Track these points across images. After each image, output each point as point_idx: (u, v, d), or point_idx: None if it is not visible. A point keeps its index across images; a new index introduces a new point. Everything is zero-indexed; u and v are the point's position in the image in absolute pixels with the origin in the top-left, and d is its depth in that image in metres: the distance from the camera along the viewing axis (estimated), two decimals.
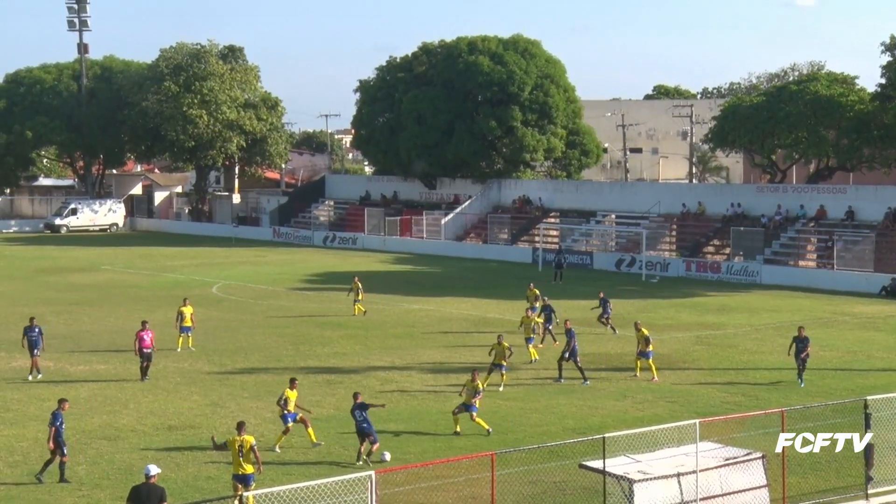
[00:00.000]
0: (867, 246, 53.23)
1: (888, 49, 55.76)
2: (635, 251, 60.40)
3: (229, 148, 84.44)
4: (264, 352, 34.51)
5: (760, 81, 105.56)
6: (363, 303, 42.66)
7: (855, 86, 62.63)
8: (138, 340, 29.90)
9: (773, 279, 53.29)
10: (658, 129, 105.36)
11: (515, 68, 72.42)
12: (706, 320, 41.49)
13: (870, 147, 58.74)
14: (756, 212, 60.61)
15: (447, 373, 31.25)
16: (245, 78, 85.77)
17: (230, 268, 60.76)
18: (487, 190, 74.99)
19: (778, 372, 31.25)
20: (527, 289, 40.23)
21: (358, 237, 74.90)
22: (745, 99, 67.11)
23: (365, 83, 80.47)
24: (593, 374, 30.71)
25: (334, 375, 30.79)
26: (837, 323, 40.91)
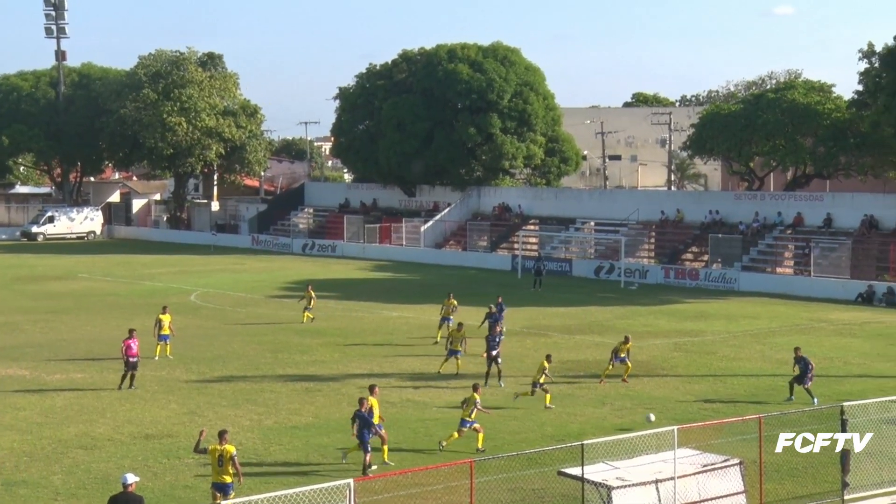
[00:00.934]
0: (844, 253, 53.61)
1: (865, 56, 56.21)
2: (614, 258, 60.57)
3: (208, 155, 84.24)
4: (243, 360, 34.38)
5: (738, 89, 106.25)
6: (314, 310, 42.36)
7: (832, 94, 63.12)
8: (126, 348, 29.65)
9: (751, 286, 53.57)
10: (637, 137, 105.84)
11: (495, 76, 72.59)
12: (684, 327, 41.64)
13: (846, 155, 59.21)
14: (734, 219, 60.92)
15: (426, 380, 31.22)
16: (224, 85, 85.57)
17: (209, 275, 60.53)
18: (467, 197, 75.06)
19: (756, 379, 31.40)
20: (446, 299, 38.37)
21: (337, 244, 74.80)
22: (723, 107, 67.52)
23: (344, 90, 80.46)
24: (572, 381, 30.77)
25: (313, 383, 30.70)
26: (814, 329, 41.14)
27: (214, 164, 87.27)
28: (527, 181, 78.75)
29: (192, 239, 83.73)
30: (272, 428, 25.67)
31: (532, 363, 33.72)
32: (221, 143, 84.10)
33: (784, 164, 62.44)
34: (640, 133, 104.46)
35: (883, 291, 49.07)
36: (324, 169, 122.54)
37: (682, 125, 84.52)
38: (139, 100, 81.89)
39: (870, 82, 55.57)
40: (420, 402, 28.31)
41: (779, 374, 32.07)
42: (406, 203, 79.21)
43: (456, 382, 30.81)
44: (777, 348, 36.60)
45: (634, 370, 32.17)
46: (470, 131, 72.47)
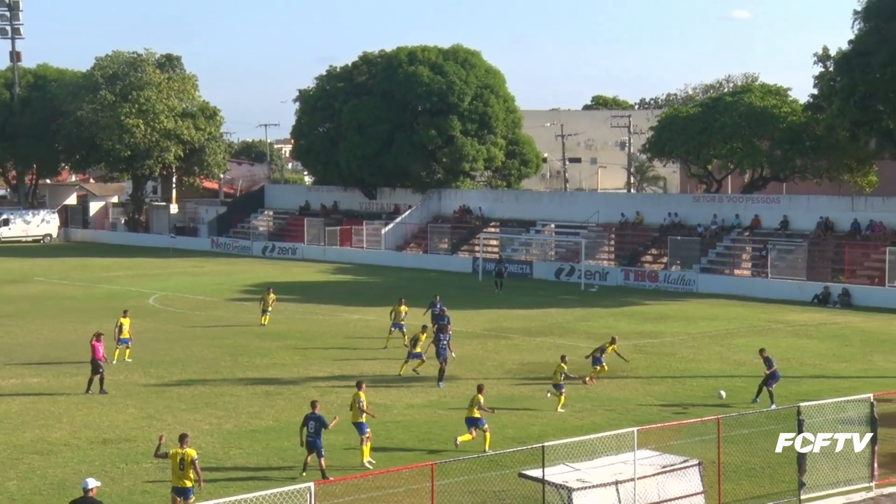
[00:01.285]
0: (800, 255, 54.23)
1: (820, 61, 56.87)
2: (574, 260, 60.86)
3: (166, 158, 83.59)
4: (202, 363, 34.15)
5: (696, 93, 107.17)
6: (272, 314, 42.32)
7: (788, 97, 63.79)
8: (94, 350, 29.34)
9: (710, 288, 54.03)
10: (597, 140, 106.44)
11: (455, 78, 72.69)
12: (644, 329, 41.92)
13: (802, 158, 59.84)
14: (692, 221, 61.43)
15: (387, 383, 31.19)
16: (183, 87, 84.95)
17: (167, 279, 60.07)
18: (427, 200, 75.10)
19: (714, 380, 31.67)
20: (396, 305, 38.08)
21: (297, 247, 74.52)
22: (682, 110, 68.05)
23: (304, 93, 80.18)
24: (533, 384, 30.87)
25: (273, 387, 30.57)
26: (771, 331, 41.58)
27: (173, 166, 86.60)
28: (487, 183, 78.91)
29: (150, 242, 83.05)
30: (232, 432, 25.52)
31: (493, 365, 33.83)
32: (180, 146, 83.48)
33: (741, 166, 63.04)
34: (599, 136, 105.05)
35: (838, 293, 49.70)
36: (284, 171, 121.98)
37: (642, 128, 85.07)
38: (96, 101, 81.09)
39: (824, 86, 56.24)
40: (382, 405, 28.25)
41: (737, 374, 32.40)
42: (367, 205, 79.07)
43: (417, 385, 30.82)
44: (735, 349, 36.96)
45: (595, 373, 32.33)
46: (430, 134, 72.52)
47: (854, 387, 29.17)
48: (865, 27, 54.29)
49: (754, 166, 62.73)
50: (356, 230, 73.68)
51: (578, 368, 31.62)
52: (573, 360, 30.86)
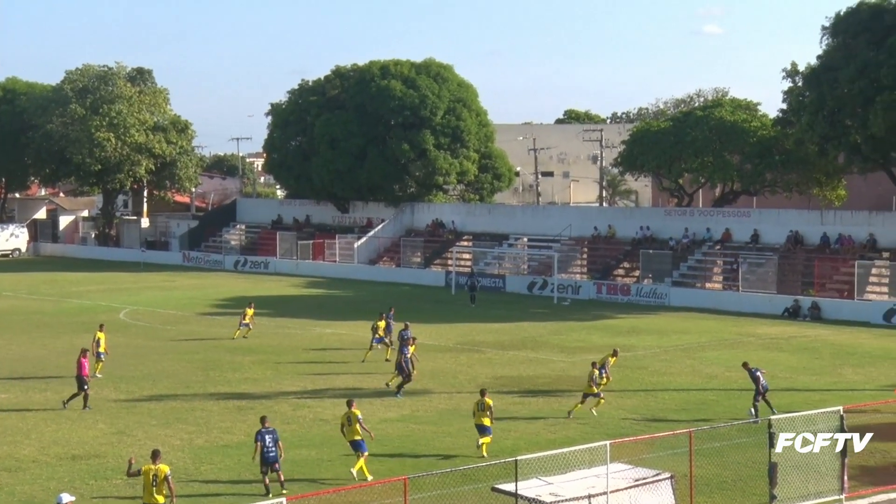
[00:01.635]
0: (770, 268, 54.60)
1: (789, 76, 57.41)
2: (547, 274, 60.99)
3: (137, 171, 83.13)
4: (173, 378, 33.94)
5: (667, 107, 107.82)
6: (250, 328, 42.29)
7: (758, 112, 64.34)
8: (80, 367, 29.28)
9: (681, 301, 54.29)
10: (569, 153, 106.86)
11: (428, 92, 72.81)
12: (617, 342, 41.96)
13: (772, 172, 60.33)
14: (664, 235, 61.75)
15: (360, 397, 31.05)
16: (154, 101, 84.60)
17: (138, 293, 59.70)
18: (400, 213, 75.09)
19: (686, 393, 31.80)
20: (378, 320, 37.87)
21: (270, 261, 74.28)
22: (653, 124, 68.46)
23: (277, 106, 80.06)
24: (506, 398, 30.88)
25: (245, 401, 30.42)
26: (743, 344, 41.82)
27: (144, 180, 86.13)
28: (460, 197, 79.01)
29: (121, 256, 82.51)
30: (203, 447, 25.36)
31: (466, 379, 33.81)
32: (151, 159, 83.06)
33: (712, 180, 63.48)
34: (572, 149, 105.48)
35: (808, 306, 50.07)
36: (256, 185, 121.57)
37: (613, 142, 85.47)
38: (66, 115, 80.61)
39: (794, 101, 56.78)
40: None
41: (709, 388, 32.55)
42: (339, 219, 78.95)
43: (390, 399, 30.75)
44: (707, 363, 37.13)
45: (567, 385, 32.44)
46: (403, 147, 72.56)
47: (824, 399, 29.38)
48: (833, 43, 54.95)
49: (725, 180, 63.18)
50: (329, 244, 73.51)
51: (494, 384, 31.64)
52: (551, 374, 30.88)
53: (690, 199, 67.85)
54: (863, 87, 51.34)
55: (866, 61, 51.54)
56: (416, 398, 30.93)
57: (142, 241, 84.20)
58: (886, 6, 53.10)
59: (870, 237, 54.28)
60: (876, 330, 45.81)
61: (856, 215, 56.16)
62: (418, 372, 33.04)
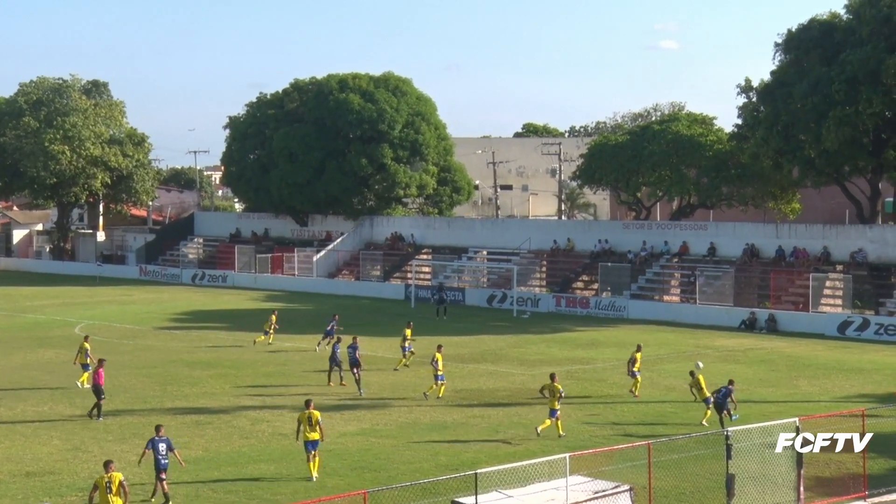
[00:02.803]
0: (727, 281, 55.11)
1: (743, 91, 58.15)
2: (506, 287, 61.15)
3: (93, 185, 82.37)
4: (129, 393, 33.61)
5: (625, 121, 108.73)
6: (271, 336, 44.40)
7: (713, 126, 65.05)
8: (97, 377, 29.83)
9: (640, 314, 54.63)
10: (528, 167, 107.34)
11: (386, 106, 72.89)
12: (576, 355, 42.22)
13: (728, 185, 60.99)
14: (623, 248, 62.16)
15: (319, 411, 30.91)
16: (110, 113, 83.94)
17: (94, 307, 59.09)
18: (359, 227, 75.00)
19: (645, 405, 31.99)
20: (406, 328, 39.32)
21: (228, 275, 73.83)
22: (611, 138, 69.00)
23: (235, 119, 79.77)
24: (466, 411, 30.89)
25: (203, 416, 30.17)
26: (700, 356, 42.02)
27: (100, 193, 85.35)
28: (419, 211, 79.06)
29: (76, 270, 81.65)
30: None
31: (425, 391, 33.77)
32: (107, 172, 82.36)
33: (670, 194, 64.05)
34: (530, 163, 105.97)
35: (765, 318, 50.58)
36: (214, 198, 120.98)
37: (572, 155, 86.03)
38: (20, 128, 79.75)
39: (748, 116, 57.50)
40: None
41: (667, 400, 32.76)
42: (298, 233, 78.72)
43: (349, 412, 30.65)
44: (665, 375, 37.38)
45: (527, 398, 32.51)
46: (362, 161, 72.53)
47: (780, 411, 29.71)
48: (786, 59, 55.79)
49: (682, 194, 63.76)
50: (287, 257, 73.24)
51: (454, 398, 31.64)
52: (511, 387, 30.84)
53: (648, 213, 68.41)
54: (816, 103, 52.13)
55: (819, 77, 52.35)
56: (375, 412, 30.87)
57: (98, 255, 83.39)
58: (837, 23, 54.01)
59: (824, 250, 55.01)
60: (831, 342, 46.39)
61: (810, 228, 56.90)
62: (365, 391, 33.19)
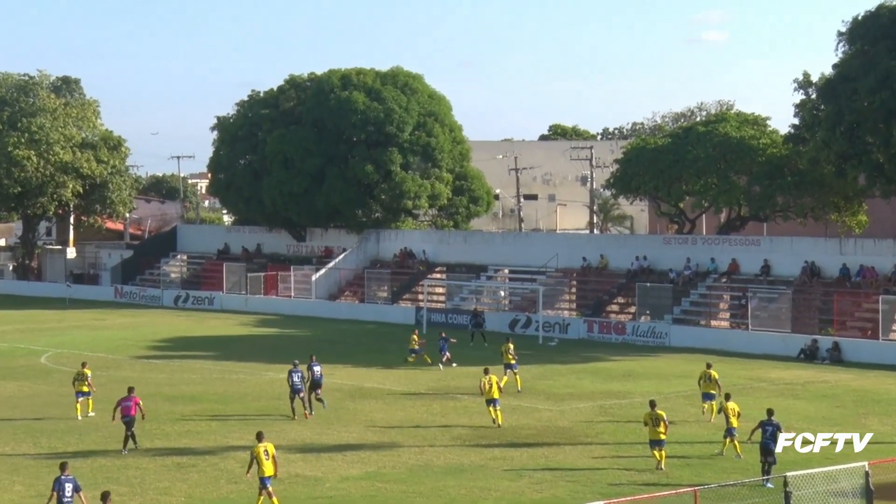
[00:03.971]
0: (784, 304, 54.80)
1: (801, 87, 57.86)
2: (531, 310, 60.98)
3: (63, 194, 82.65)
4: (102, 431, 33.56)
5: (665, 121, 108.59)
6: (418, 355, 47.31)
7: (767, 127, 64.83)
8: (123, 409, 31.07)
9: (683, 341, 54.37)
10: (555, 174, 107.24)
11: (394, 105, 73.00)
12: (610, 388, 42.01)
13: (784, 195, 60.68)
14: (663, 266, 61.96)
15: (318, 451, 30.88)
16: (82, 114, 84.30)
17: (63, 333, 59.17)
18: (364, 242, 75.02)
19: (689, 446, 31.75)
20: (504, 343, 42.35)
21: (215, 296, 73.91)
22: (650, 141, 68.84)
23: (223, 120, 80.00)
24: (485, 452, 30.72)
25: (186, 458, 30.11)
26: (753, 390, 41.87)
27: (71, 204, 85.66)
28: (432, 223, 79.03)
29: (43, 291, 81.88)
30: None
31: (439, 430, 33.66)
32: (79, 181, 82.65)
33: (717, 204, 63.79)
34: (558, 169, 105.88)
35: (827, 347, 50.23)
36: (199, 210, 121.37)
37: (605, 161, 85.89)
38: None
39: (807, 115, 57.22)
40: (311, 478, 27.93)
41: (714, 440, 32.49)
42: (295, 249, 78.76)
43: (352, 454, 30.54)
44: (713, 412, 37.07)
45: (555, 438, 32.31)
46: (367, 168, 72.61)
47: (846, 454, 29.41)
48: (850, 50, 55.44)
49: (731, 204, 63.53)
50: (283, 277, 73.28)
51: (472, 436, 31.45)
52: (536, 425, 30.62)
53: (692, 226, 68.17)
54: (885, 99, 51.80)
55: (888, 70, 52.04)
56: (382, 453, 30.73)
57: (67, 275, 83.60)
58: None
59: (895, 269, 54.68)
60: None
61: (879, 244, 56.58)
62: None
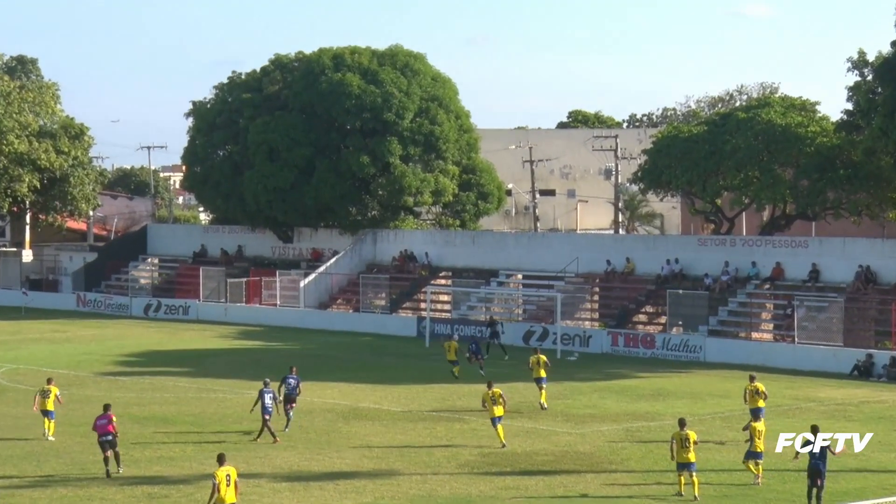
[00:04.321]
0: (835, 314, 54.74)
1: (855, 68, 57.87)
2: (548, 320, 61.00)
3: (18, 189, 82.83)
4: (64, 458, 33.68)
5: (701, 107, 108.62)
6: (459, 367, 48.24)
7: (816, 113, 64.83)
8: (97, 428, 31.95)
9: (720, 355, 54.36)
10: (575, 166, 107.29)
11: (393, 89, 73.07)
12: (637, 409, 42.03)
13: (835, 190, 60.64)
14: (698, 271, 61.94)
15: (307, 480, 30.94)
16: (40, 98, 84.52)
17: (18, 347, 59.29)
18: (359, 243, 75.09)
19: (728, 474, 31.77)
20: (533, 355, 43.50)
21: (191, 305, 74.00)
22: (683, 129, 68.86)
23: (200, 106, 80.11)
24: (495, 481, 30.72)
25: (158, 487, 30.19)
26: (800, 410, 41.86)
27: (27, 200, 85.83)
28: (436, 222, 79.09)
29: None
30: None
31: (444, 456, 33.72)
32: (36, 174, 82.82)
33: (759, 201, 63.78)
34: (578, 161, 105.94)
35: (884, 363, 50.20)
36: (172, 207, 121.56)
37: (632, 151, 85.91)
38: None
39: (862, 99, 57.20)
40: None
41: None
42: (281, 251, 78.87)
43: (346, 482, 30.60)
44: None
45: (574, 464, 32.37)
46: (362, 160, 72.68)
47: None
48: None
49: (775, 201, 63.52)
50: (267, 283, 73.35)
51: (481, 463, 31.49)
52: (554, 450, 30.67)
53: (731, 226, 68.16)
54: None
55: None
56: (379, 481, 30.79)
57: (23, 280, 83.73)
58: None
59: None
60: None
61: None
62: None
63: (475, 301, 67.51)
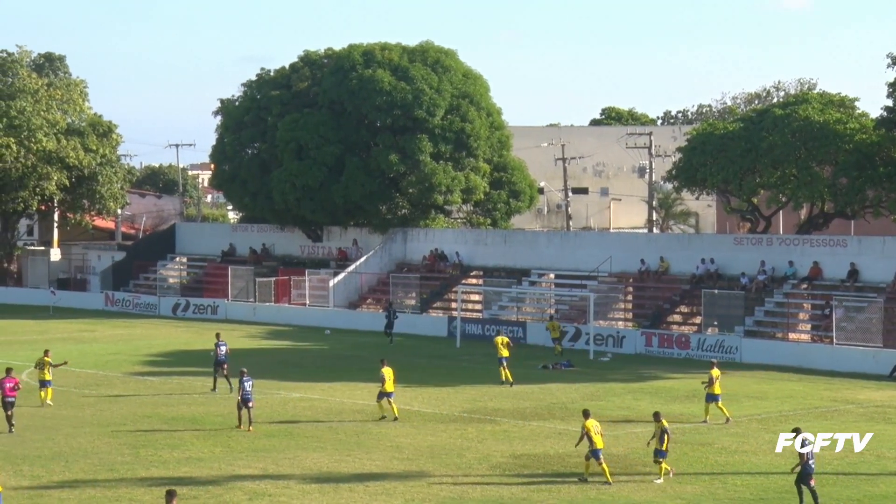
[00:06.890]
0: (874, 314, 54.54)
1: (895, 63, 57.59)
2: (581, 321, 60.97)
3: (47, 188, 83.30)
4: (92, 458, 33.86)
5: (737, 104, 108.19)
6: None
7: (856, 110, 64.58)
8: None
9: (757, 357, 54.23)
10: (608, 164, 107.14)
11: (424, 85, 73.11)
12: (672, 410, 41.91)
13: (874, 188, 60.40)
14: (734, 270, 61.78)
15: (336, 481, 31.03)
16: (68, 96, 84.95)
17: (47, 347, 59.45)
18: (389, 242, 75.21)
19: (764, 477, 31.68)
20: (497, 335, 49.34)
21: (219, 304, 74.30)
22: (718, 126, 68.68)
23: (228, 103, 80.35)
24: (528, 483, 30.74)
25: (186, 488, 30.31)
26: (838, 413, 41.70)
27: (55, 199, 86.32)
28: (466, 221, 79.11)
29: (23, 298, 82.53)
30: None
31: (475, 458, 33.75)
32: (64, 172, 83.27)
33: (796, 199, 63.55)
34: (612, 159, 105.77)
35: None
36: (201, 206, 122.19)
37: (666, 149, 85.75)
38: None
39: None
40: None
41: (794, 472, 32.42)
42: (310, 250, 79.04)
43: (375, 484, 30.67)
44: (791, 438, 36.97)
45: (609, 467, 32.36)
46: (392, 158, 72.78)
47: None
48: None
49: (813, 199, 63.29)
50: (296, 282, 73.56)
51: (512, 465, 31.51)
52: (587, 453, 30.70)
53: (768, 224, 67.94)
54: None
55: None
56: (409, 483, 30.84)
57: (51, 280, 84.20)
58: None
59: None
60: None
61: None
62: None
63: (507, 301, 67.51)
